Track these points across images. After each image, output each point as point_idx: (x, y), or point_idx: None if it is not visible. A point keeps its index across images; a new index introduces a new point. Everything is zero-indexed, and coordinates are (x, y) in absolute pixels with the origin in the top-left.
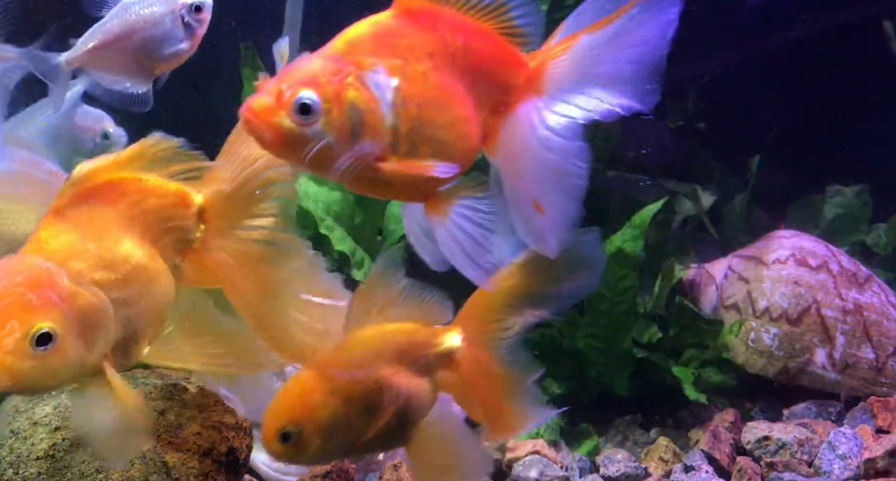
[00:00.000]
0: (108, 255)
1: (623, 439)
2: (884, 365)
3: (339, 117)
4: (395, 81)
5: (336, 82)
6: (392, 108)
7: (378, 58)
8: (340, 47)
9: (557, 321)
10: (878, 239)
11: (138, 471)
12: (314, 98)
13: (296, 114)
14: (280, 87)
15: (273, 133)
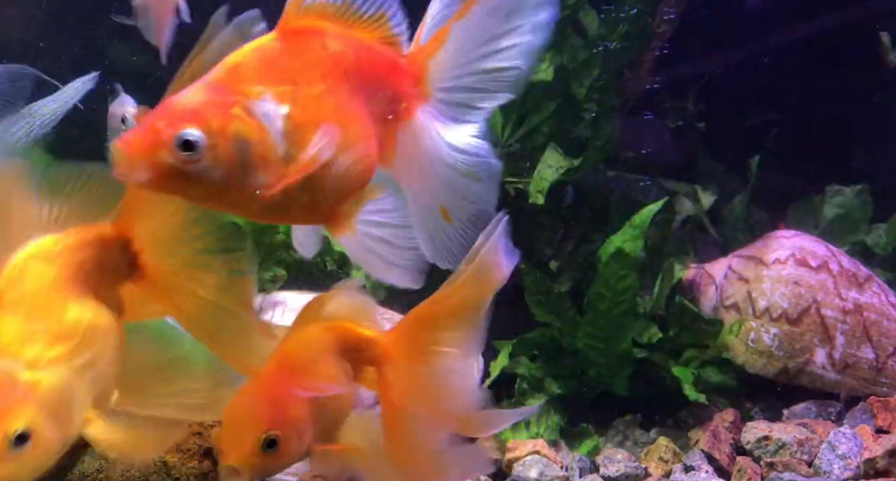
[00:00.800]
0: (58, 327)
1: (623, 439)
2: (884, 365)
3: (225, 151)
4: (285, 109)
5: (220, 115)
6: (283, 136)
7: (265, 85)
8: (223, 76)
9: (557, 321)
10: (878, 239)
11: (138, 471)
12: (197, 133)
13: (178, 151)
14: (158, 122)
15: (153, 171)
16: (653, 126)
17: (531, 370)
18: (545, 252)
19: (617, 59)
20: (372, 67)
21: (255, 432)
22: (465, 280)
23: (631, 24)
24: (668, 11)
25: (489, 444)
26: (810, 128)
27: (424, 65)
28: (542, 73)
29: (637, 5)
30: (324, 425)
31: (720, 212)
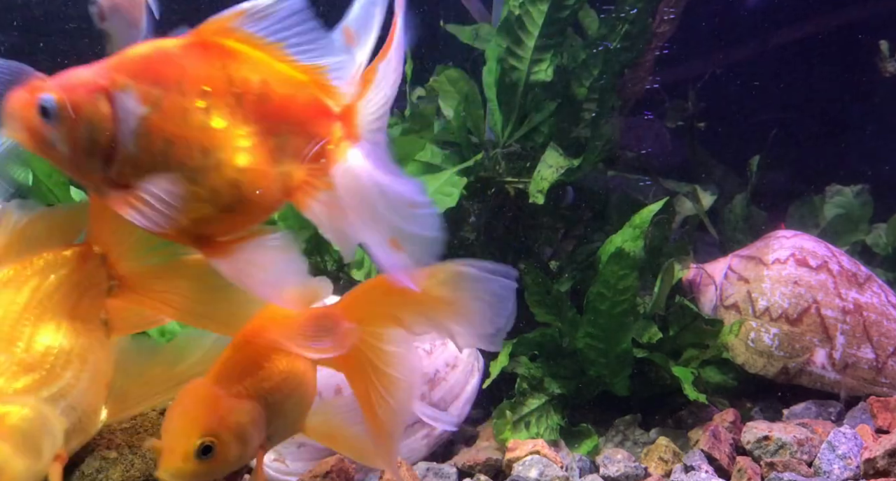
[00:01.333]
0: (25, 357)
1: (623, 439)
2: (884, 365)
3: (72, 128)
4: (144, 110)
5: (83, 93)
6: (134, 136)
7: (136, 81)
8: (113, 62)
9: (557, 321)
10: (878, 239)
11: (138, 471)
12: (52, 103)
13: (37, 115)
14: (37, 83)
15: (23, 130)
16: (653, 126)
17: (531, 370)
18: (545, 252)
19: (617, 59)
20: (286, 104)
21: (190, 438)
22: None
23: (631, 24)
24: (669, 11)
25: (488, 444)
26: (810, 129)
27: (354, 107)
28: (542, 73)
29: (637, 5)
30: (284, 420)
31: (720, 212)
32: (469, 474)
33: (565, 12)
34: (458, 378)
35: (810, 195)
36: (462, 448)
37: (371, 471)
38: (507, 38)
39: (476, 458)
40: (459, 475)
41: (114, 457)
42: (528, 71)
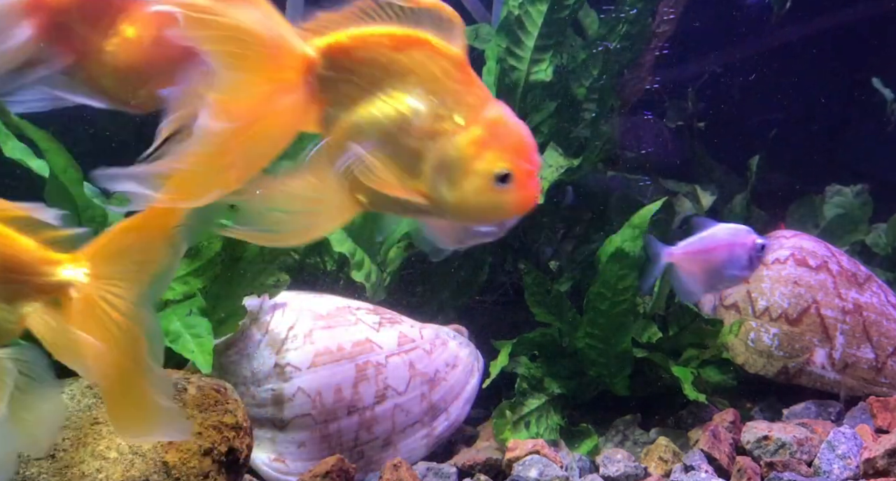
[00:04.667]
0: None
1: (623, 439)
2: (883, 365)
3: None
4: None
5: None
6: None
7: None
8: None
9: (557, 321)
10: (878, 239)
11: (138, 471)
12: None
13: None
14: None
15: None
16: (653, 126)
17: (531, 370)
18: (545, 252)
19: (617, 59)
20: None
21: None
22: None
23: (631, 24)
24: (668, 11)
25: (488, 444)
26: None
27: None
28: (542, 73)
29: (637, 5)
30: None
31: (720, 212)
32: (469, 474)
33: (565, 12)
34: (458, 378)
35: (810, 195)
36: (462, 448)
37: (371, 471)
38: (507, 38)
39: (476, 458)
40: (459, 475)
41: (114, 457)
42: (527, 71)
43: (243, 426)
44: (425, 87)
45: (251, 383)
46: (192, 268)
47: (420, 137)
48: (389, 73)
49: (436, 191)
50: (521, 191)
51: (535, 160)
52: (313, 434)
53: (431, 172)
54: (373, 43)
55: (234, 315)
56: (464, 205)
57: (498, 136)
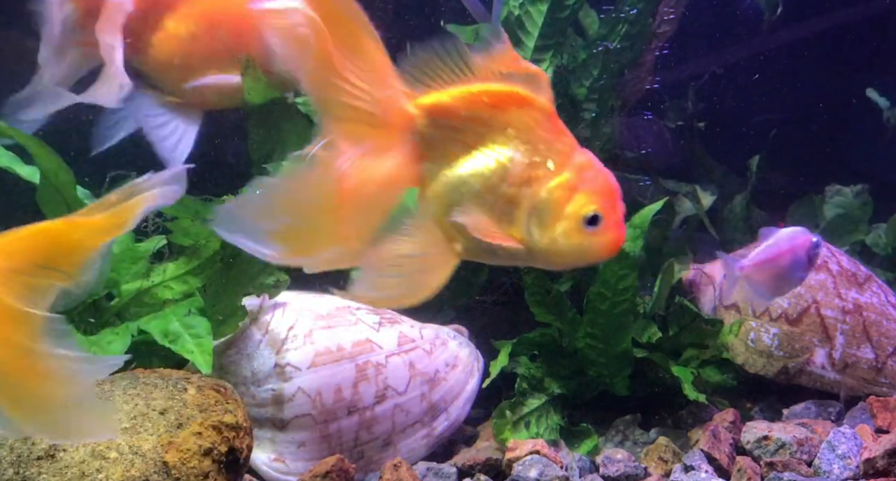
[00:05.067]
0: None
1: (623, 439)
2: (883, 365)
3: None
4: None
5: None
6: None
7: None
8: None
9: (557, 321)
10: (878, 239)
11: (138, 471)
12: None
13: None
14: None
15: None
16: (653, 126)
17: (531, 370)
18: None
19: (617, 59)
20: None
21: None
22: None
23: (631, 24)
24: (669, 11)
25: (488, 444)
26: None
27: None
28: None
29: (637, 5)
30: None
31: (720, 212)
32: (469, 474)
33: (565, 12)
34: (458, 378)
35: (810, 195)
36: (462, 448)
37: (371, 471)
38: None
39: (476, 458)
40: (459, 475)
41: (114, 457)
42: None
43: (243, 426)
44: (520, 137)
45: (251, 383)
46: (191, 268)
47: (516, 184)
48: (488, 127)
49: (529, 235)
50: (609, 233)
51: (622, 205)
52: (313, 434)
53: (525, 217)
54: (471, 100)
55: (233, 315)
56: (554, 247)
57: (586, 180)
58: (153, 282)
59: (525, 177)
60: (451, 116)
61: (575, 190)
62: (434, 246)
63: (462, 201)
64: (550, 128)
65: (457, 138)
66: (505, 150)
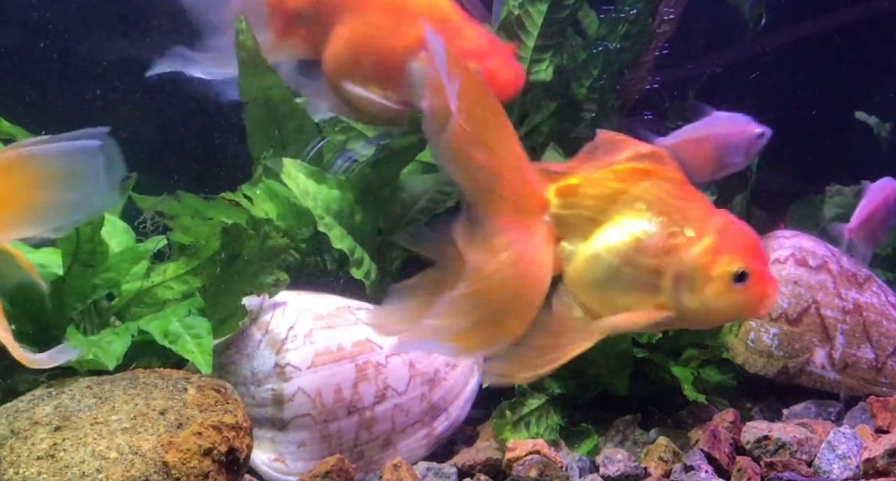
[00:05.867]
0: None
1: (623, 439)
2: (883, 365)
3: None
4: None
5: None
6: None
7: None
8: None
9: None
10: None
11: (138, 471)
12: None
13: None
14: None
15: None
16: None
17: None
18: None
19: (617, 59)
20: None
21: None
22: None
23: (631, 24)
24: (669, 11)
25: (488, 444)
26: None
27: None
28: (542, 73)
29: (637, 5)
30: None
31: None
32: (469, 474)
33: (565, 12)
34: (458, 378)
35: (810, 195)
36: (462, 448)
37: (371, 471)
38: (507, 38)
39: (476, 458)
40: (459, 475)
41: (114, 457)
42: (527, 71)
43: (243, 426)
44: (652, 209)
45: (251, 383)
46: (191, 268)
47: (656, 255)
48: (618, 203)
49: (678, 301)
50: (758, 286)
51: (766, 256)
52: (313, 434)
53: (672, 285)
54: (599, 179)
55: (233, 315)
56: (705, 309)
57: (728, 240)
58: (153, 282)
59: (664, 246)
60: (582, 196)
61: (719, 252)
62: (576, 323)
63: (600, 277)
64: (682, 196)
65: (589, 217)
66: (638, 223)
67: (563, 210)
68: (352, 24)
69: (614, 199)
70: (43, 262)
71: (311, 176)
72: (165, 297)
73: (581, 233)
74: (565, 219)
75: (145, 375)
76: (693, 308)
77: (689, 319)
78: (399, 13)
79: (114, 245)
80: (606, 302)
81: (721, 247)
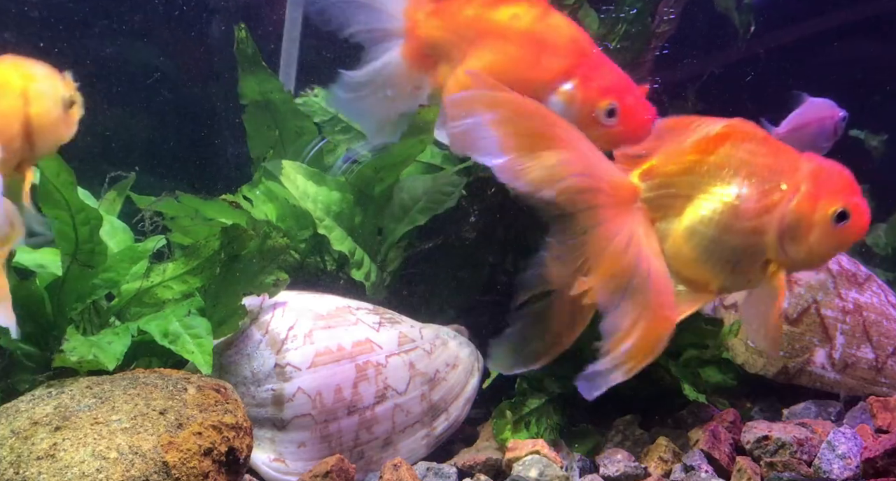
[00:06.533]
0: None
1: (623, 439)
2: (883, 365)
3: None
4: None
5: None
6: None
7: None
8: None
9: None
10: (878, 239)
11: (138, 471)
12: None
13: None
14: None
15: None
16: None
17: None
18: None
19: (617, 59)
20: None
21: None
22: None
23: (631, 24)
24: (669, 11)
25: (488, 444)
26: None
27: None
28: None
29: (637, 5)
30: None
31: None
32: (469, 474)
33: (565, 12)
34: (458, 378)
35: None
36: (462, 448)
37: (371, 471)
38: None
39: (476, 458)
40: (459, 475)
41: (114, 457)
42: None
43: (243, 426)
44: (741, 173)
45: (251, 383)
46: (191, 268)
47: (755, 217)
48: (703, 174)
49: (784, 254)
50: (858, 218)
51: (859, 189)
52: (313, 434)
53: (775, 241)
54: (679, 155)
55: (233, 314)
56: (812, 255)
57: (823, 184)
58: (153, 282)
59: (762, 206)
60: (666, 175)
61: (817, 198)
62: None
63: (700, 251)
64: (766, 151)
65: (678, 194)
66: (729, 190)
67: (650, 192)
68: (487, 55)
69: (699, 171)
70: (42, 262)
71: (311, 177)
72: (165, 297)
73: (673, 211)
74: (655, 201)
75: (145, 375)
76: (801, 257)
77: (797, 267)
78: (539, 46)
79: (113, 245)
80: (710, 272)
81: (818, 192)
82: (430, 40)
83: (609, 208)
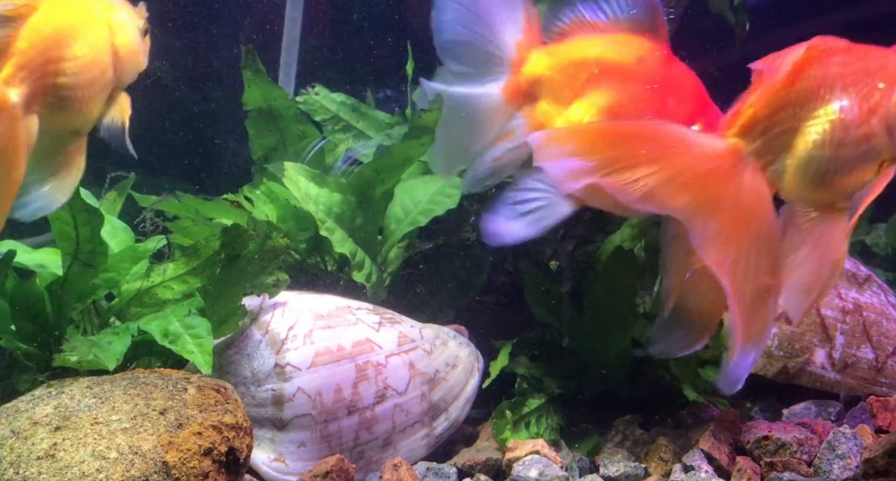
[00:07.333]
0: None
1: (623, 439)
2: (883, 365)
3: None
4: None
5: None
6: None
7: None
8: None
9: (557, 321)
10: (878, 239)
11: (138, 471)
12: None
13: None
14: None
15: None
16: None
17: (531, 370)
18: (545, 252)
19: None
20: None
21: None
22: None
23: None
24: (669, 11)
25: (488, 444)
26: None
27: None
28: None
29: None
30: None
31: None
32: (469, 474)
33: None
34: (458, 378)
35: None
36: (462, 448)
37: (371, 471)
38: None
39: (476, 458)
40: (459, 475)
41: (114, 457)
42: None
43: (243, 426)
44: (836, 88)
45: (251, 383)
46: (191, 268)
47: (861, 123)
48: (799, 103)
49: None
50: None
51: None
52: (313, 434)
53: (887, 140)
54: (771, 93)
55: (233, 315)
56: None
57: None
58: (153, 283)
59: (866, 111)
60: (764, 120)
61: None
62: (823, 228)
63: (821, 174)
64: (856, 57)
65: (783, 131)
66: (829, 108)
67: (755, 141)
68: (609, 95)
69: (796, 101)
70: (43, 262)
71: (313, 179)
72: (165, 297)
73: (784, 148)
74: (763, 146)
75: (145, 375)
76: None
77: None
78: (665, 89)
79: (113, 245)
80: (836, 191)
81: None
82: (534, 78)
83: (719, 183)
